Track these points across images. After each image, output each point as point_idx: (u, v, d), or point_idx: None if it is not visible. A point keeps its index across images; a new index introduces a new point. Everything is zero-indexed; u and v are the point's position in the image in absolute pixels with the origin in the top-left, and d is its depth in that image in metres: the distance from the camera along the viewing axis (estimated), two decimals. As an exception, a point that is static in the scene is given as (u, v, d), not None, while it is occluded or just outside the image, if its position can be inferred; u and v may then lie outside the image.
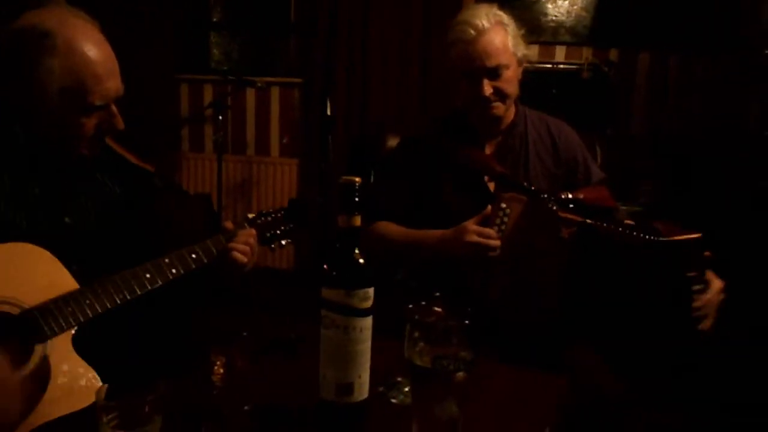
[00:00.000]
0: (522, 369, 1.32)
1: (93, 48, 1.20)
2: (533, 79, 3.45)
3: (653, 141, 3.54)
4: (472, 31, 1.68)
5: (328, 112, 3.30)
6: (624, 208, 3.33)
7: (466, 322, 0.87)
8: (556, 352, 1.60)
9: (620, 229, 1.57)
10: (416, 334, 0.86)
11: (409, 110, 3.67)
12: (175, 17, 3.95)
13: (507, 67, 1.71)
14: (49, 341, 1.10)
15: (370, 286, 0.97)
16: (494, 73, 1.70)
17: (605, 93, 3.39)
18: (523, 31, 1.79)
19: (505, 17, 1.74)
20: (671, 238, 1.46)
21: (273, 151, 4.05)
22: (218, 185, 3.66)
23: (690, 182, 3.34)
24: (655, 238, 1.48)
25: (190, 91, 4.08)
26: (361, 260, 0.98)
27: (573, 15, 3.61)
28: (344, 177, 0.96)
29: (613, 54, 3.58)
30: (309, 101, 3.84)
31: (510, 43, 1.71)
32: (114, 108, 1.25)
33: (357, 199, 0.96)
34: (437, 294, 1.03)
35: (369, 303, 0.97)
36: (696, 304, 1.47)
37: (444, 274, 1.70)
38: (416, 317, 0.87)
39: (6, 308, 1.09)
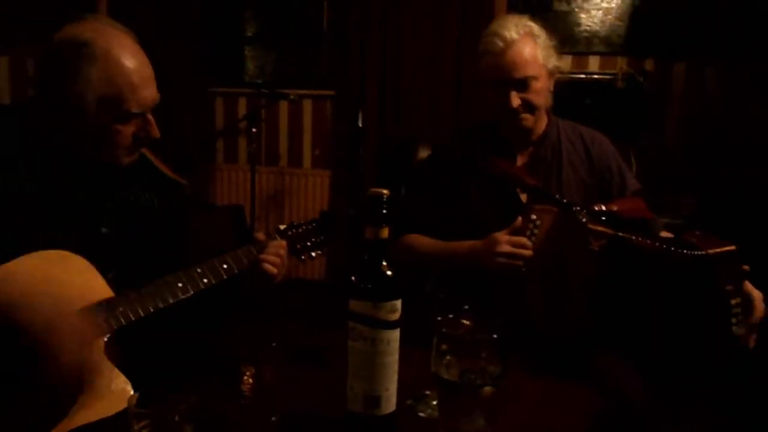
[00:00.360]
0: (551, 380, 1.31)
1: (130, 57, 1.23)
2: (566, 90, 3.42)
3: (688, 152, 3.47)
4: (501, 43, 1.68)
5: (360, 124, 3.32)
6: (665, 220, 3.28)
7: (494, 336, 0.86)
8: (586, 362, 1.58)
9: (651, 242, 1.54)
10: (443, 347, 0.86)
11: (442, 121, 3.67)
12: (210, 32, 4.04)
13: (536, 78, 1.70)
14: None
15: (397, 299, 0.97)
16: (522, 84, 1.69)
17: (639, 103, 3.34)
18: (554, 42, 1.78)
19: (535, 28, 1.73)
20: (707, 252, 1.43)
21: (305, 162, 4.10)
22: (252, 196, 3.70)
23: (730, 195, 3.26)
24: (690, 253, 1.45)
25: (224, 104, 4.16)
26: (389, 272, 0.98)
27: (607, 24, 3.57)
28: (372, 189, 0.97)
29: (649, 64, 3.53)
30: (341, 113, 3.87)
31: (540, 54, 1.70)
32: (150, 117, 1.28)
33: (385, 211, 0.97)
34: (466, 307, 1.02)
35: (396, 315, 0.97)
36: (740, 319, 1.43)
37: (474, 286, 1.69)
38: (444, 330, 0.86)
39: None
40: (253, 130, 3.64)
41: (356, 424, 0.99)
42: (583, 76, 3.52)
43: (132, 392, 1.08)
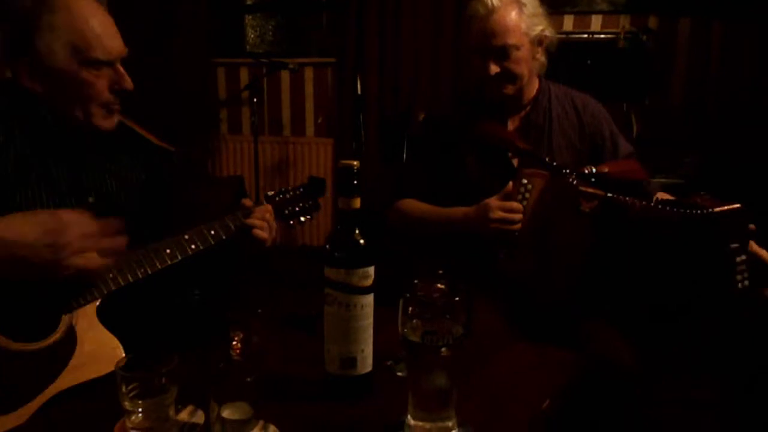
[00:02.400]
0: (536, 343, 1.33)
1: (92, 10, 1.29)
2: (568, 51, 3.39)
3: (694, 111, 3.43)
4: (482, 9, 1.68)
5: (359, 91, 3.32)
6: (663, 180, 3.27)
7: (457, 298, 0.90)
8: (577, 327, 1.61)
9: (646, 203, 1.55)
10: (409, 310, 0.89)
11: (441, 89, 3.66)
12: (210, 2, 4.02)
13: (517, 47, 1.69)
14: (75, 312, 1.19)
15: (370, 265, 1.01)
16: (502, 52, 1.69)
17: (643, 62, 3.29)
18: (543, 9, 1.75)
19: None
20: (711, 211, 1.43)
21: (308, 131, 4.11)
22: (255, 166, 3.74)
23: (734, 154, 3.23)
24: (693, 212, 1.45)
25: (226, 75, 4.17)
26: (362, 240, 1.01)
27: (609, -18, 3.51)
28: (342, 161, 1.00)
29: (653, 21, 3.47)
30: (341, 81, 3.87)
31: (523, 22, 1.69)
32: (120, 67, 1.32)
33: (356, 182, 1.00)
34: (441, 271, 1.05)
35: (369, 281, 1.01)
36: (744, 276, 1.42)
37: (470, 251, 1.72)
38: (408, 293, 0.90)
39: None
40: (255, 99, 3.66)
41: (334, 384, 1.04)
42: (585, 36, 3.47)
43: (123, 355, 1.13)
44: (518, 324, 1.61)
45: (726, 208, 1.43)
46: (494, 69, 1.69)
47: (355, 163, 1.00)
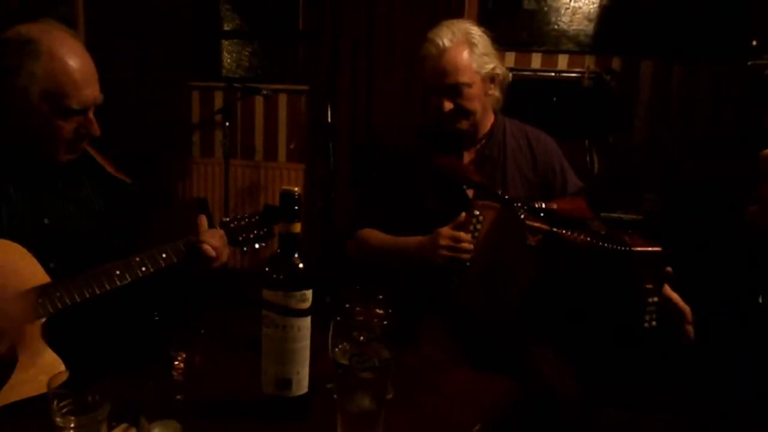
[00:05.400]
0: (476, 370, 1.37)
1: (73, 56, 1.31)
2: (535, 88, 3.50)
3: (655, 149, 3.55)
4: (434, 50, 1.74)
5: (329, 120, 3.38)
6: (623, 216, 3.35)
7: (385, 322, 0.93)
8: (523, 355, 1.65)
9: (583, 237, 1.61)
10: (339, 333, 0.92)
11: (414, 118, 3.73)
12: (188, 26, 4.08)
13: (468, 85, 1.75)
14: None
15: (308, 289, 1.04)
16: (454, 90, 1.75)
17: (606, 101, 3.41)
18: (493, 48, 1.81)
19: (475, 35, 1.77)
20: (630, 249, 1.50)
21: (281, 156, 4.15)
22: (225, 190, 3.76)
23: (692, 191, 3.33)
24: (615, 247, 1.52)
25: (201, 98, 4.20)
26: (300, 264, 1.05)
27: (575, 23, 3.64)
28: (284, 187, 1.04)
29: (616, 62, 3.60)
30: (313, 108, 3.93)
31: (474, 61, 1.75)
32: (91, 115, 1.35)
33: (296, 207, 1.03)
34: (381, 297, 1.09)
35: (307, 304, 1.04)
36: (653, 317, 1.49)
37: (424, 279, 1.76)
38: (338, 318, 0.93)
39: None
40: (226, 123, 3.69)
41: (269, 405, 1.06)
42: (552, 74, 3.59)
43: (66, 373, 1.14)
44: (465, 351, 1.65)
45: (646, 249, 1.50)
46: (448, 106, 1.75)
47: (296, 189, 1.04)
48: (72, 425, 0.92)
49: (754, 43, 3.03)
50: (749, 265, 2.60)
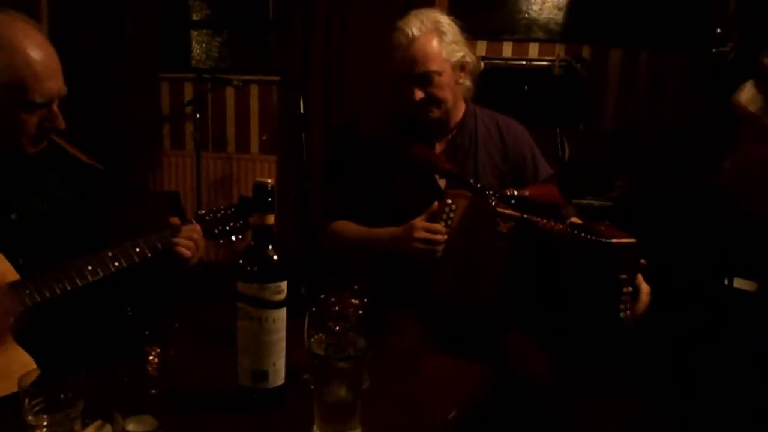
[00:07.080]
0: (450, 358, 1.38)
1: (35, 48, 1.27)
2: (506, 76, 3.52)
3: (624, 137, 3.61)
4: (403, 39, 1.74)
5: (302, 110, 3.36)
6: (593, 202, 3.40)
7: (360, 312, 0.94)
8: (497, 342, 1.67)
9: (557, 225, 1.64)
10: (315, 324, 0.93)
11: (387, 107, 3.73)
12: (157, 16, 4.01)
13: (438, 73, 1.76)
14: None
15: (282, 281, 1.04)
16: (424, 79, 1.76)
17: (576, 89, 3.45)
18: (462, 36, 1.82)
19: (444, 23, 1.78)
20: (608, 241, 1.52)
21: (253, 148, 4.12)
22: (197, 182, 3.72)
23: (661, 177, 3.40)
24: (593, 239, 1.54)
25: (170, 89, 4.14)
26: (275, 256, 1.05)
27: (546, 12, 3.67)
28: (257, 179, 1.03)
29: (586, 51, 3.64)
30: (285, 99, 3.90)
31: (444, 50, 1.76)
32: (55, 108, 1.32)
33: (270, 199, 1.03)
34: (356, 287, 1.09)
35: (282, 296, 1.04)
36: (627, 306, 1.52)
37: (398, 269, 1.77)
38: (314, 308, 0.94)
39: None
40: (197, 115, 3.65)
41: (245, 397, 1.07)
42: (523, 62, 3.62)
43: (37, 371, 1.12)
44: (439, 339, 1.67)
45: (621, 240, 1.52)
46: (419, 94, 1.76)
47: (269, 181, 1.03)
48: (45, 423, 0.91)
49: (718, 31, 3.10)
50: (715, 250, 2.67)
